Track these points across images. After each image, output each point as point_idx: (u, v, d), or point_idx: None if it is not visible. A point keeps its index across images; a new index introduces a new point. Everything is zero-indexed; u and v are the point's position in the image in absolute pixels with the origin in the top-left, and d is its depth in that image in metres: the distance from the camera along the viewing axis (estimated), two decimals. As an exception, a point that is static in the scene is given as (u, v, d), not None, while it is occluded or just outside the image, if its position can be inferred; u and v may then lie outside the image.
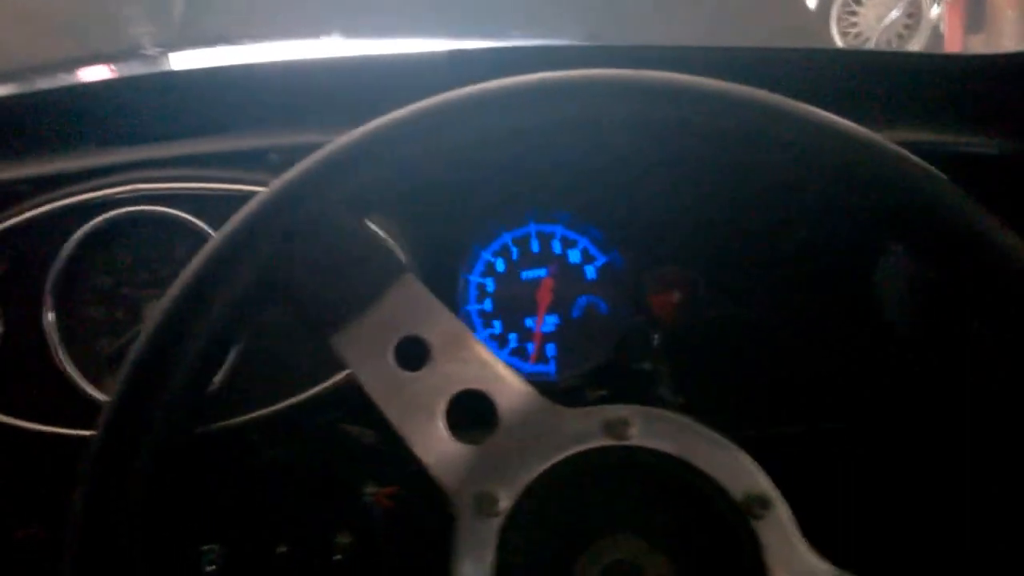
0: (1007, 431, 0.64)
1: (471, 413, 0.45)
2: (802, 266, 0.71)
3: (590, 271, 0.72)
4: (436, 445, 0.44)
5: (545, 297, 0.71)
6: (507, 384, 0.45)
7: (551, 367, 0.72)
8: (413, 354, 0.45)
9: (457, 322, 0.45)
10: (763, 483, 0.44)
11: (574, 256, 0.72)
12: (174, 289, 0.44)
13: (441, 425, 0.44)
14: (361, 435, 0.69)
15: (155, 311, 0.44)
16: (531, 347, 0.72)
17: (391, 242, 0.62)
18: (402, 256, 0.64)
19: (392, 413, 0.44)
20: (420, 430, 0.44)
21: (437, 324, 0.45)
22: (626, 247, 0.71)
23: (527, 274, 0.71)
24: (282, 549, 0.67)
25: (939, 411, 0.69)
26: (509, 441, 0.44)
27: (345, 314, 0.44)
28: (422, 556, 0.65)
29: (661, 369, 0.72)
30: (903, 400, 0.70)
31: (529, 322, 0.71)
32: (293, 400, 0.65)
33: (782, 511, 0.44)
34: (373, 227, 0.45)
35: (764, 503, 0.43)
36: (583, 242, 0.72)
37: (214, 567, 0.66)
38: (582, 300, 0.71)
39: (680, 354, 0.71)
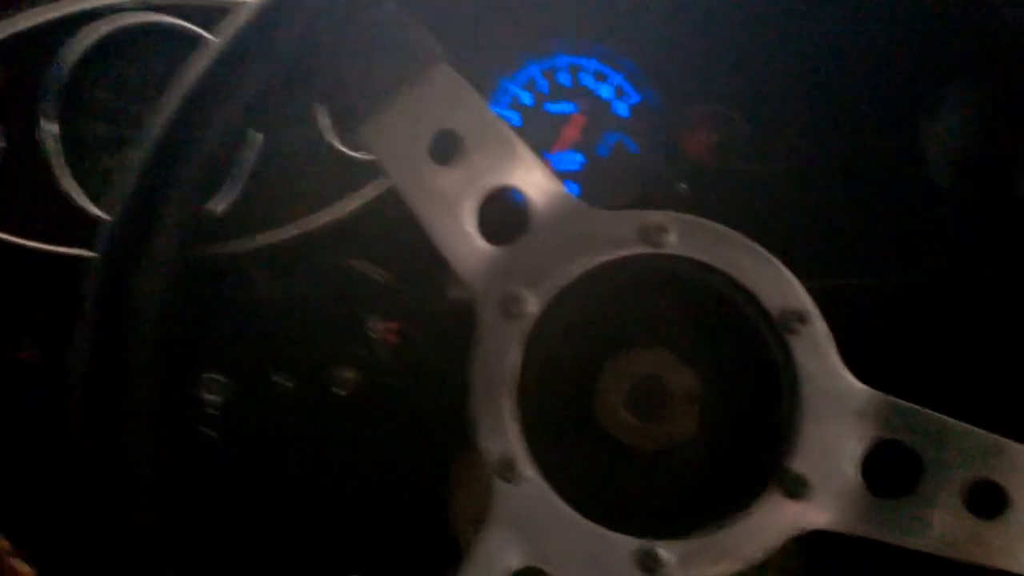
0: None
1: (504, 217, 0.43)
2: (847, 115, 0.67)
3: (621, 108, 0.68)
4: (463, 242, 0.42)
5: (571, 134, 0.67)
6: (541, 182, 0.43)
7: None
8: (446, 149, 0.43)
9: (494, 116, 0.43)
10: (802, 298, 0.42)
11: (606, 92, 0.67)
12: (189, 75, 0.41)
13: (470, 221, 0.42)
14: (369, 272, 0.66)
15: (167, 98, 0.41)
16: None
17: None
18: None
19: (420, 207, 0.42)
20: (447, 225, 0.42)
21: (472, 116, 0.43)
22: (661, 83, 0.67)
23: (554, 108, 0.67)
24: (285, 382, 0.65)
25: (981, 271, 0.67)
26: (540, 242, 0.42)
27: (375, 100, 0.42)
28: (427, 394, 0.63)
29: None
30: (944, 257, 0.67)
31: (554, 159, 0.68)
32: (298, 230, 0.63)
33: (819, 328, 0.42)
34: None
35: (801, 318, 0.42)
36: (616, 77, 0.67)
37: (215, 396, 0.64)
38: (611, 138, 0.67)
39: (709, 203, 0.68)
